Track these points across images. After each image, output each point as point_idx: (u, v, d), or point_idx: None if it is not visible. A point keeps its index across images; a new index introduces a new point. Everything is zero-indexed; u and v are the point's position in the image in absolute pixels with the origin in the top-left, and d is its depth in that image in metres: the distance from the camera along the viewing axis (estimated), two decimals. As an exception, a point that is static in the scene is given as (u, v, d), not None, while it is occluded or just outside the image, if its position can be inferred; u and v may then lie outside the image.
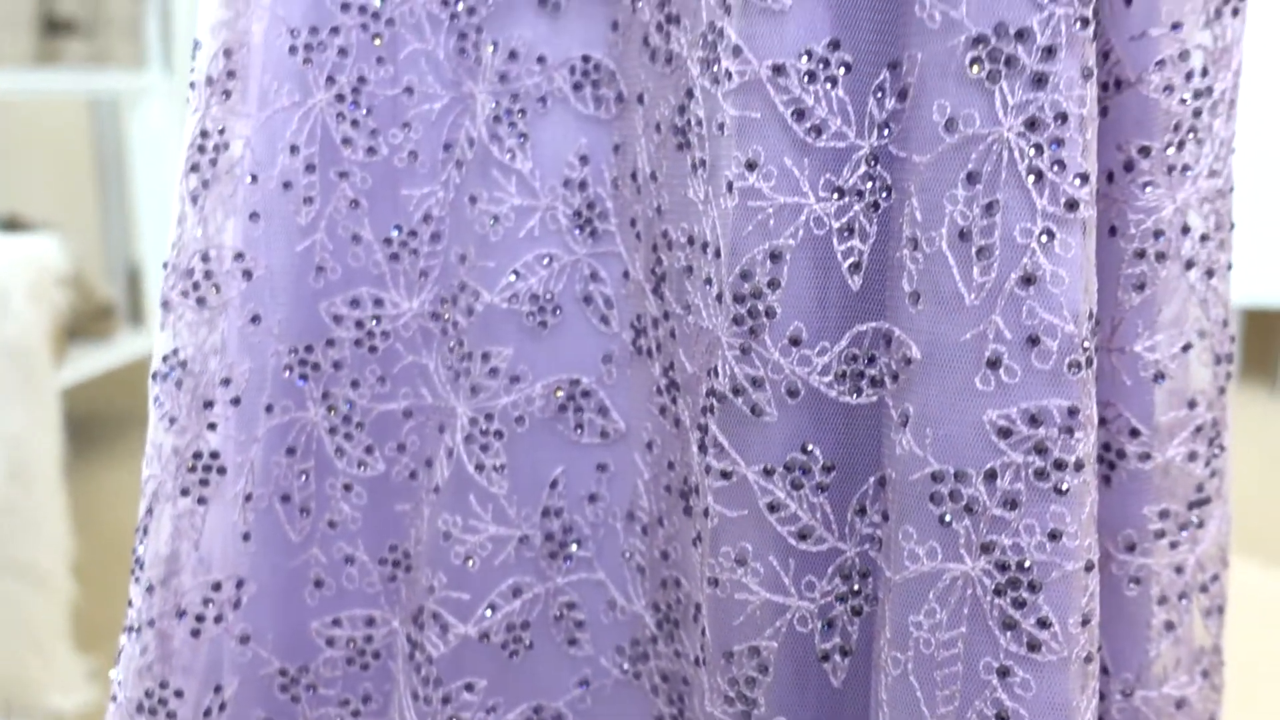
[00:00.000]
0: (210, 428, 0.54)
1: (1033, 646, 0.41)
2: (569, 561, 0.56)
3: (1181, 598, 0.49)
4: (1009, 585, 0.41)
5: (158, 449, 0.54)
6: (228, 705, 0.55)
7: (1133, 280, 0.46)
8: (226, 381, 0.54)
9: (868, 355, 0.44)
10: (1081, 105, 0.39)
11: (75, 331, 2.18)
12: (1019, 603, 0.41)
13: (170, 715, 0.54)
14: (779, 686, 0.47)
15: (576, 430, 0.56)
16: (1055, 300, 0.39)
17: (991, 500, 0.41)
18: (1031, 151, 0.39)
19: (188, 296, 0.54)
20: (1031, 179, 0.39)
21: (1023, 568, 0.41)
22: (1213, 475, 0.48)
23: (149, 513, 0.55)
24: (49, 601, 1.44)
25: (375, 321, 0.56)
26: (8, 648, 1.38)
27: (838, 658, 0.47)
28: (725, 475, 0.46)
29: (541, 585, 0.56)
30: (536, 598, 0.56)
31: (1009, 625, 0.41)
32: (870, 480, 0.45)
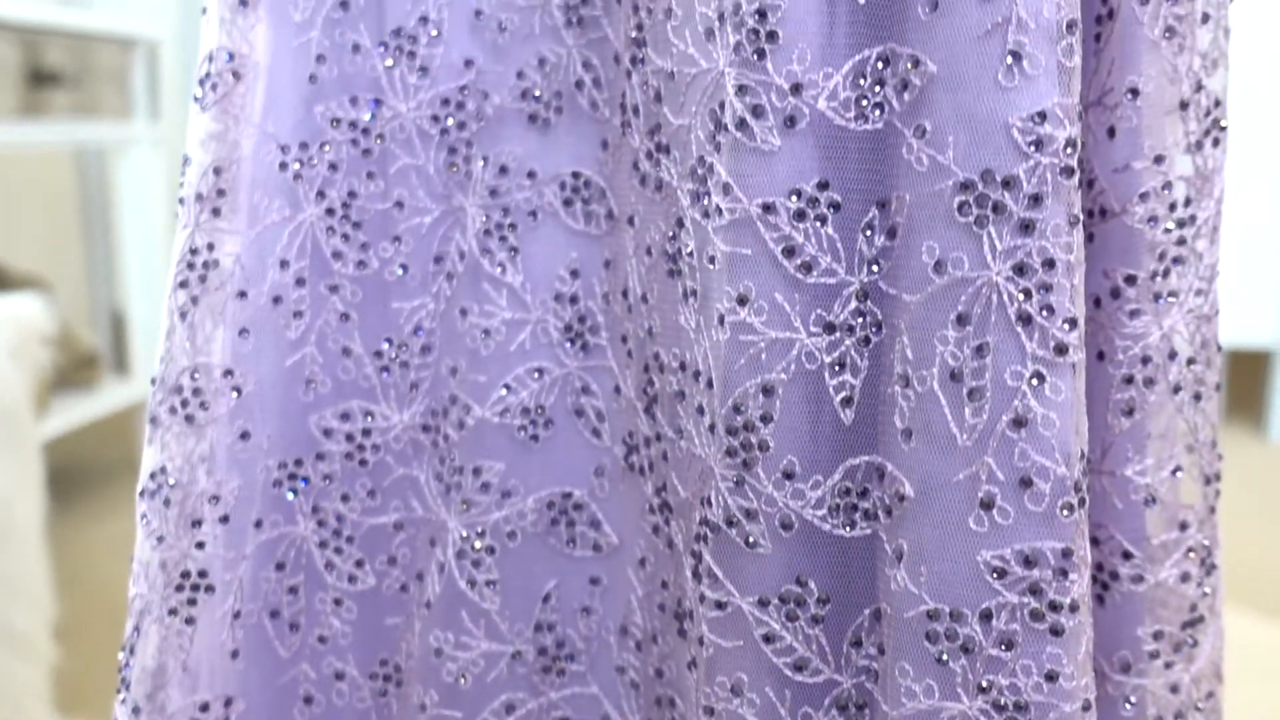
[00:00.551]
0: (198, 546, 0.53)
1: None
2: (562, 676, 0.56)
3: (1177, 717, 0.49)
4: (1006, 724, 0.41)
5: (145, 567, 0.54)
6: None
7: (1121, 405, 0.47)
8: (215, 499, 0.54)
9: (860, 488, 0.44)
10: (1069, 251, 0.39)
11: (59, 381, 2.17)
12: None
13: None
14: None
15: (569, 544, 0.55)
16: (1047, 443, 0.40)
17: (988, 640, 0.41)
18: (1020, 296, 0.40)
19: (176, 413, 0.54)
20: (1021, 323, 0.40)
21: (1020, 708, 0.40)
22: (1206, 594, 0.49)
23: (135, 631, 0.54)
24: (30, 667, 1.42)
25: (366, 434, 0.56)
26: (-11, 717, 1.36)
27: None
28: (720, 605, 0.46)
29: (535, 701, 0.56)
30: (530, 714, 0.56)
31: None
32: (865, 613, 0.45)
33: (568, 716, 0.56)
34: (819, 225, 0.43)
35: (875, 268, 0.43)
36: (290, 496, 0.55)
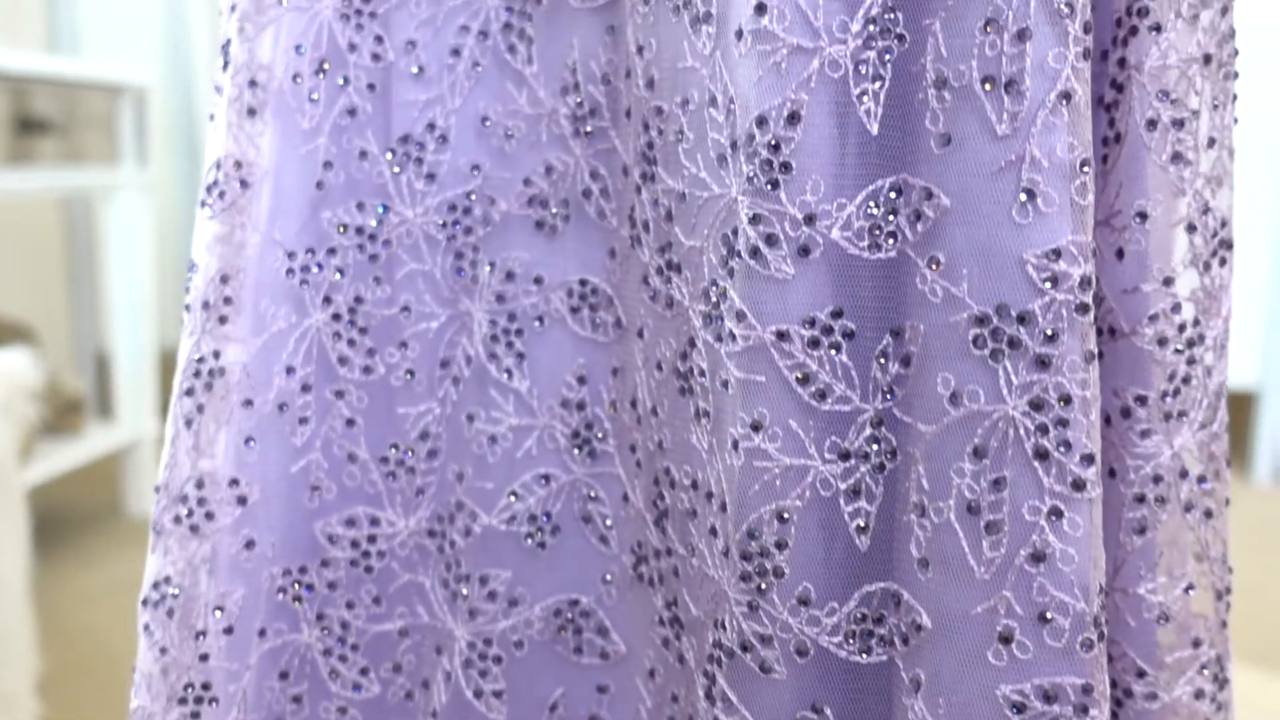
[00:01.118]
0: (202, 658, 0.53)
1: None
2: (570, 787, 0.55)
3: (1190, 832, 0.48)
4: None
5: (147, 678, 0.53)
6: None
7: (1134, 524, 0.47)
8: (219, 609, 0.53)
9: (876, 615, 0.44)
10: (1085, 388, 0.40)
11: (43, 428, 2.14)
12: None
13: None
14: None
15: (576, 651, 0.55)
16: (1065, 578, 0.40)
17: None
18: (1037, 431, 0.40)
19: (180, 523, 0.53)
20: (1038, 458, 0.40)
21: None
22: (1219, 709, 0.48)
23: None
24: (15, 727, 1.40)
25: (371, 540, 0.55)
26: (-28, 782, 1.34)
27: None
28: (734, 730, 0.45)
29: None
30: None
31: None
32: None
33: None
34: (833, 353, 0.43)
35: (890, 395, 0.43)
36: (295, 605, 0.55)
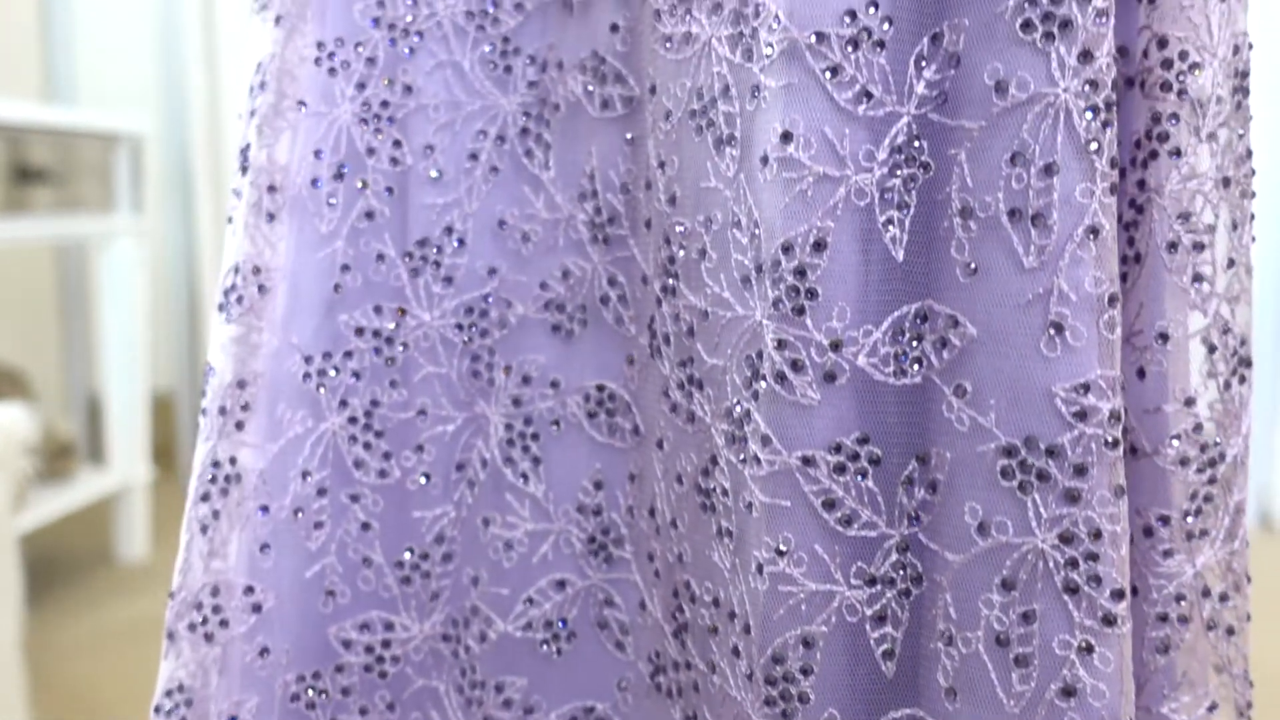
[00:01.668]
0: (215, 769, 0.52)
1: None
2: None
3: None
4: None
5: (159, 789, 0.52)
6: None
7: (1156, 643, 0.46)
8: (232, 719, 0.52)
9: None
10: (1114, 522, 0.39)
11: (35, 475, 2.13)
12: None
13: None
14: None
15: (593, 761, 0.54)
16: (1096, 713, 0.39)
17: None
18: (1067, 565, 0.40)
19: (195, 630, 0.52)
20: (1068, 592, 0.40)
21: None
22: (1241, 824, 0.48)
23: None
24: (4, 791, 1.38)
25: (385, 645, 0.55)
26: None
27: None
28: None
29: None
30: None
31: None
32: None
33: None
34: (859, 478, 0.43)
35: (916, 520, 0.43)
36: (308, 711, 0.54)
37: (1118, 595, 0.39)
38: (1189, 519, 0.46)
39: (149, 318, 2.30)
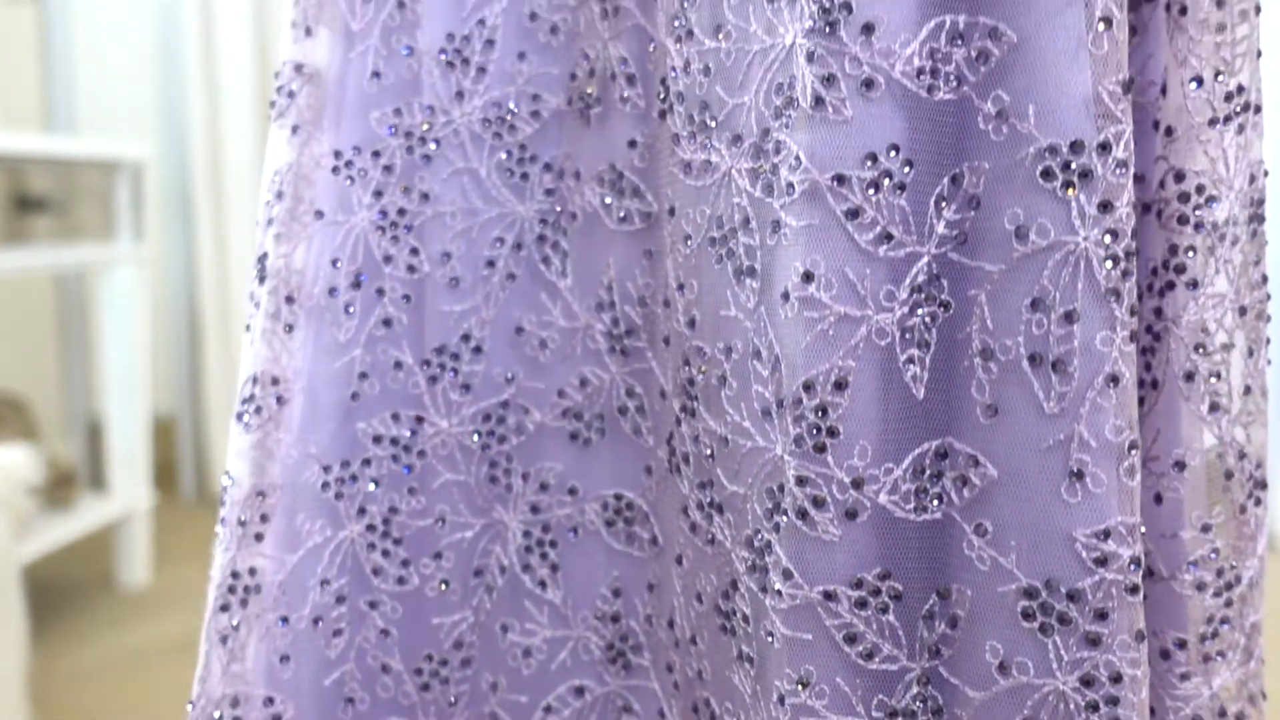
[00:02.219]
0: None
1: None
2: None
3: None
4: None
5: None
6: None
7: (1175, 767, 0.47)
8: (252, 830, 0.53)
9: None
10: (1135, 666, 0.40)
11: (36, 509, 2.12)
12: None
13: None
14: None
15: None
16: None
17: None
18: (1087, 709, 0.40)
19: (214, 743, 0.53)
20: (1091, 730, 0.40)
21: None
22: None
23: None
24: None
25: (404, 752, 0.55)
26: None
27: None
28: None
29: None
30: None
31: None
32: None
33: None
34: (881, 614, 0.43)
35: (936, 654, 0.43)
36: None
37: (1139, 738, 0.40)
38: (1206, 642, 0.47)
39: (150, 343, 2.30)
